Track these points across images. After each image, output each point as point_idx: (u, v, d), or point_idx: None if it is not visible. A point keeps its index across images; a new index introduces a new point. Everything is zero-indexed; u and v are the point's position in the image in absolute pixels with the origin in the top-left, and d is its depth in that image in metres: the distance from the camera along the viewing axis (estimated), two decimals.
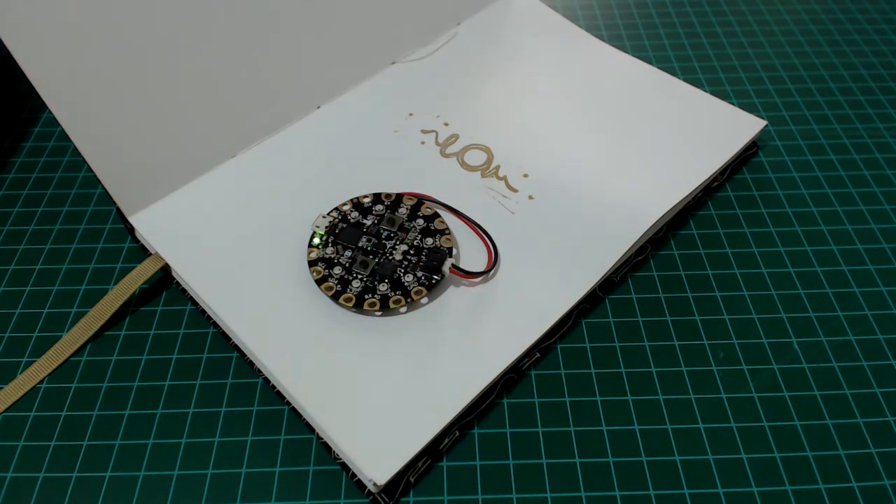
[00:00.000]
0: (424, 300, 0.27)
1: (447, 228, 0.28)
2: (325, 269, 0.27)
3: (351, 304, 0.26)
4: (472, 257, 0.28)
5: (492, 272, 0.27)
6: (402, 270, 0.27)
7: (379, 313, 0.26)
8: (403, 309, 0.26)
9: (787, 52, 0.40)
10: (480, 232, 0.28)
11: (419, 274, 0.27)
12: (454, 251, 0.28)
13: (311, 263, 0.27)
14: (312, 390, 0.24)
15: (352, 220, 0.28)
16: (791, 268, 0.29)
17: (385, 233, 0.28)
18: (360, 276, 0.27)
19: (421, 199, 0.29)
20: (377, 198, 0.29)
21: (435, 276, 0.27)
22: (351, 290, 0.26)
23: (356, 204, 0.29)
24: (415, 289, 0.26)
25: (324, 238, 0.28)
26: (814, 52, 0.40)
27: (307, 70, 0.34)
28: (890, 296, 0.28)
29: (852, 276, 0.29)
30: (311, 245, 0.28)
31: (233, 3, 0.31)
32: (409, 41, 0.37)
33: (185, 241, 0.29)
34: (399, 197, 0.29)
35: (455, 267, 0.27)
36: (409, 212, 0.29)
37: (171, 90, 0.30)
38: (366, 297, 0.26)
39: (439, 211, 0.29)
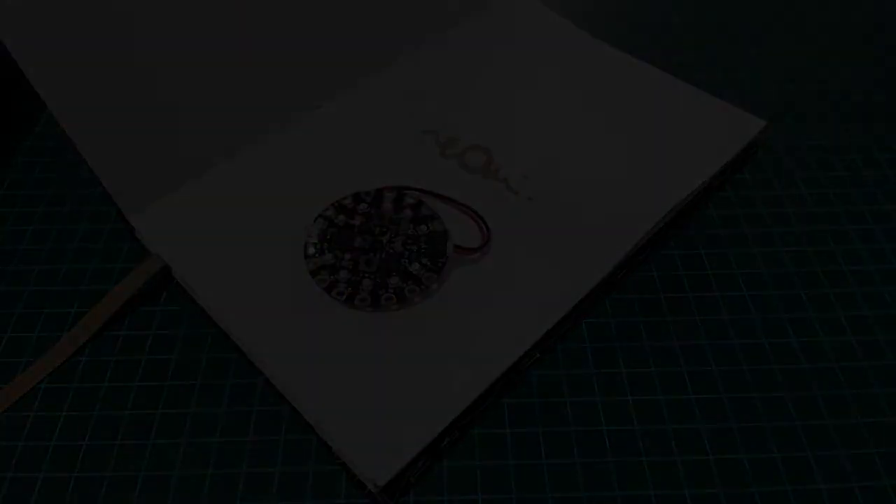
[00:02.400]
0: (435, 285, 0.27)
1: (436, 213, 0.28)
2: (329, 276, 0.27)
3: (367, 304, 0.26)
4: (463, 236, 0.28)
5: (489, 244, 0.28)
6: (407, 261, 0.27)
7: (396, 307, 0.26)
8: (418, 299, 0.27)
9: (787, 52, 0.40)
10: (466, 210, 0.28)
11: (424, 260, 0.27)
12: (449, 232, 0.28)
13: (314, 273, 0.27)
14: (313, 390, 0.24)
15: (340, 223, 0.28)
16: (791, 268, 0.29)
17: (377, 229, 0.28)
18: (368, 275, 0.27)
19: (401, 191, 0.29)
20: (357, 197, 0.29)
21: (441, 259, 0.27)
22: (362, 290, 0.26)
23: (339, 207, 0.29)
24: (425, 275, 0.26)
25: (318, 246, 0.28)
26: (814, 52, 0.40)
27: (307, 69, 0.34)
28: (890, 296, 0.28)
29: (852, 276, 0.29)
30: (306, 256, 0.27)
31: (233, 3, 0.31)
32: (410, 41, 0.37)
33: (185, 240, 0.29)
34: (379, 192, 0.29)
35: (457, 246, 0.27)
36: (393, 205, 0.29)
37: (172, 90, 0.30)
38: (380, 293, 0.26)
39: (422, 198, 0.29)
